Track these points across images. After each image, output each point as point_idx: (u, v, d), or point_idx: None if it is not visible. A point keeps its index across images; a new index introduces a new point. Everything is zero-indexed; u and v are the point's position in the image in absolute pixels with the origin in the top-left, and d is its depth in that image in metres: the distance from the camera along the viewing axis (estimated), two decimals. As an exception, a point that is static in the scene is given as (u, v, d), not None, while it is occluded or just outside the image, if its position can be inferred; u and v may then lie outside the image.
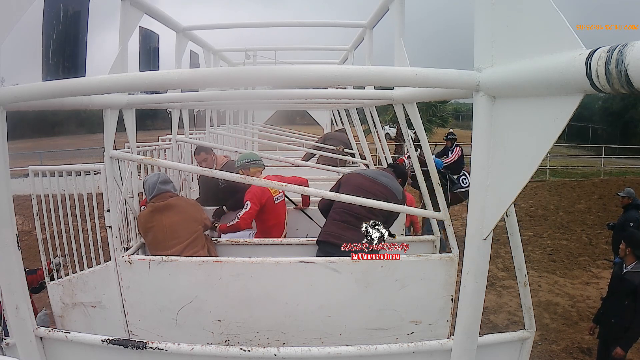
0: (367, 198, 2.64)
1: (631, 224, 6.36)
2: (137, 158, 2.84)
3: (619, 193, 7.02)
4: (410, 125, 2.69)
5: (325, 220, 3.28)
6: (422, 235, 5.41)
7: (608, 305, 4.31)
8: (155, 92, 2.77)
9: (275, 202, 3.71)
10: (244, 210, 3.55)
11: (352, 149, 6.64)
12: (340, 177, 3.41)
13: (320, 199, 3.38)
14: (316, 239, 3.18)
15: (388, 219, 3.04)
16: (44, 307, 3.29)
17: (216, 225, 3.64)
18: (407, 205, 3.93)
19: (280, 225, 3.74)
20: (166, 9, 3.00)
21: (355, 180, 3.23)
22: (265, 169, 3.91)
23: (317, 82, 1.28)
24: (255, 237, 3.69)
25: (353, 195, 2.62)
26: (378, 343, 1.87)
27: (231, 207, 4.03)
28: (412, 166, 4.12)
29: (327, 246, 2.98)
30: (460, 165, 8.25)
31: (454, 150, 8.27)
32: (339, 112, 7.69)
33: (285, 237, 3.66)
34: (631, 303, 3.99)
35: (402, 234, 4.05)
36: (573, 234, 10.42)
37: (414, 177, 5.55)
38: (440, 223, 2.95)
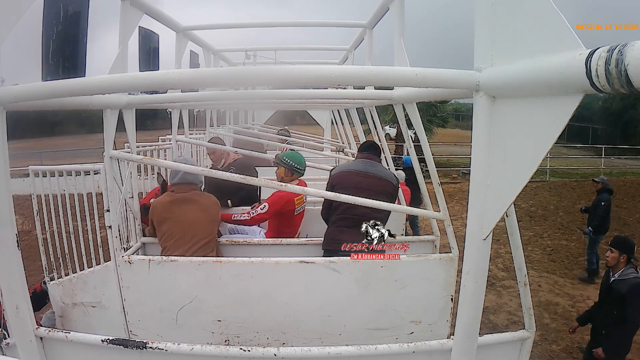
0: (369, 196, 2.60)
1: (602, 203, 7.61)
2: (137, 158, 2.84)
3: (594, 179, 8.28)
4: (410, 125, 2.69)
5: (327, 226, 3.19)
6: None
7: (597, 316, 4.16)
8: (155, 92, 2.76)
9: (295, 214, 3.61)
10: (259, 210, 3.44)
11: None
12: (330, 175, 3.28)
13: (321, 207, 3.33)
14: (322, 246, 3.12)
15: (388, 213, 3.02)
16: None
17: None
18: (403, 198, 3.99)
19: (292, 234, 3.66)
20: (168, 10, 3.00)
21: (350, 179, 3.13)
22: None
23: (317, 82, 1.28)
24: (266, 237, 3.66)
25: (355, 196, 2.52)
26: (378, 343, 1.87)
27: (236, 203, 4.02)
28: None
29: (336, 254, 2.79)
30: None
31: None
32: (339, 112, 7.70)
33: None
34: (620, 312, 3.85)
35: (402, 234, 4.05)
36: (573, 234, 10.42)
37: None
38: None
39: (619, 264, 4.01)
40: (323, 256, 3.03)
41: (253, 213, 3.45)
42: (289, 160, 3.64)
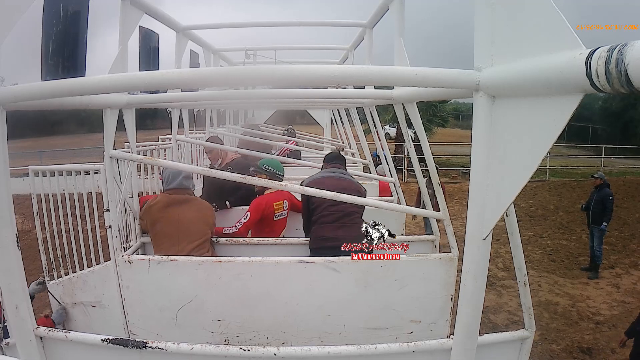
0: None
1: (610, 197, 7.99)
2: (137, 158, 2.84)
3: (593, 175, 8.69)
4: (410, 124, 2.69)
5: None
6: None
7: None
8: (155, 92, 2.76)
9: (275, 219, 3.64)
10: (243, 220, 3.50)
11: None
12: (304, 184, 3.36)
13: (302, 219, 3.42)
14: (309, 246, 3.16)
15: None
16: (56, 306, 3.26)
17: None
18: (403, 198, 4.04)
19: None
20: (168, 9, 3.00)
21: (327, 183, 3.14)
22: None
23: (317, 81, 1.28)
24: None
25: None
26: (378, 342, 1.87)
27: (234, 204, 4.02)
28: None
29: (324, 251, 2.88)
30: None
31: None
32: (339, 112, 7.69)
33: None
34: None
35: (402, 234, 4.05)
36: (573, 233, 10.42)
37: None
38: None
39: None
40: (309, 256, 3.05)
41: (238, 225, 3.49)
42: (269, 167, 3.66)
